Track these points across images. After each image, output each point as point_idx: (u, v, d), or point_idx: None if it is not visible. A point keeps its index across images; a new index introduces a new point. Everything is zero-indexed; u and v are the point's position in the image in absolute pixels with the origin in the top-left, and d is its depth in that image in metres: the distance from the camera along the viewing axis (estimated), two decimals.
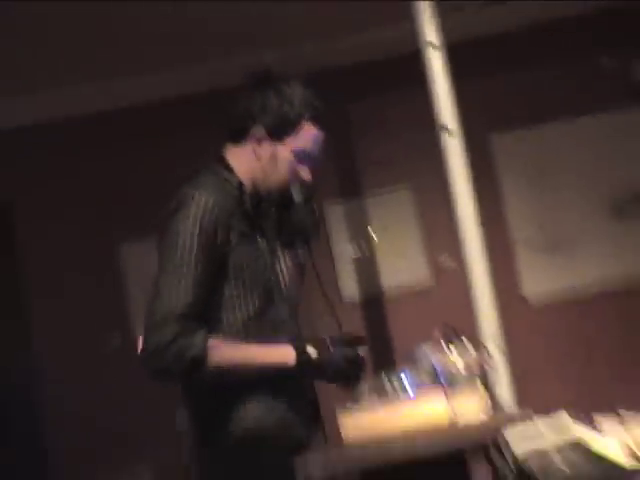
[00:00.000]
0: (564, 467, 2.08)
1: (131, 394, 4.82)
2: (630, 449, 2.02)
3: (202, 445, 2.42)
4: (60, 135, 5.31)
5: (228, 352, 2.31)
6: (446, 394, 2.84)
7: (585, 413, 2.49)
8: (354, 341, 2.56)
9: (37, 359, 5.23)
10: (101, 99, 5.31)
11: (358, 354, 2.36)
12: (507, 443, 2.38)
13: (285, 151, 2.43)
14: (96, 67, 5.03)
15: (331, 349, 2.32)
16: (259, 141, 2.42)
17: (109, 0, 4.07)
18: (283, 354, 2.30)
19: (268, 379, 2.30)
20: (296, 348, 2.26)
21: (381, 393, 2.94)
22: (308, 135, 2.46)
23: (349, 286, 5.26)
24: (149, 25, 4.62)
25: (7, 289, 5.30)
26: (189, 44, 4.92)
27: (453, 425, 2.78)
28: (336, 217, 5.34)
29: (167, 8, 4.34)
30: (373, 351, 5.20)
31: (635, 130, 4.94)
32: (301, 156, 2.45)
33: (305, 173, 2.48)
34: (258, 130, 2.38)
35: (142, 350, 2.19)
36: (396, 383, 2.95)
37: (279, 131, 2.42)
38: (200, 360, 2.17)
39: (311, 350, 2.29)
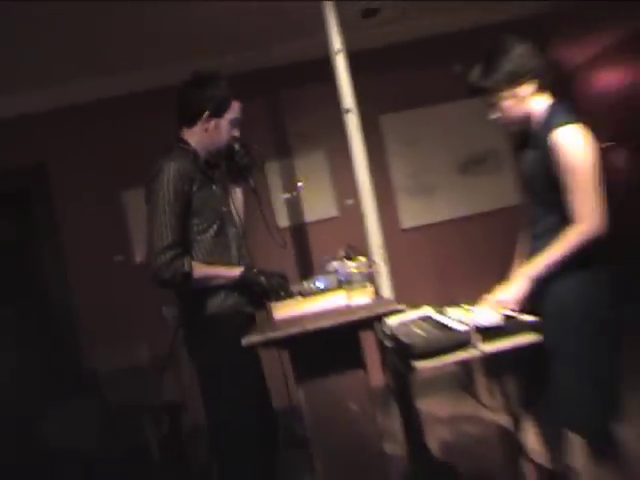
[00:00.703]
0: (420, 332, 2.85)
1: (131, 294, 5.71)
2: (464, 323, 2.71)
3: (184, 326, 3.35)
4: (83, 114, 6.14)
5: (203, 270, 3.16)
6: (345, 291, 3.09)
7: (440, 305, 3.24)
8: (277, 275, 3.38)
9: (69, 271, 6.14)
10: (113, 89, 6.08)
11: (282, 283, 3.19)
12: (383, 318, 3.01)
13: (224, 122, 3.31)
14: (107, 64, 5.72)
15: (261, 277, 3.16)
16: (207, 120, 3.27)
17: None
18: (235, 270, 3.21)
19: (225, 284, 3.21)
20: (246, 269, 3.20)
21: (302, 290, 3.16)
22: (234, 108, 3.35)
23: (282, 217, 6.27)
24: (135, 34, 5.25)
25: (45, 226, 6.19)
26: (161, 47, 5.58)
27: (349, 308, 3.01)
28: (274, 171, 6.36)
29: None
30: (298, 261, 6.29)
31: (472, 115, 5.12)
32: (234, 122, 3.36)
33: (237, 132, 3.39)
34: (206, 113, 3.25)
35: (151, 270, 3.05)
36: (312, 283, 3.19)
37: (220, 111, 3.29)
38: (188, 275, 3.07)
39: (255, 275, 3.17)
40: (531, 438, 3.34)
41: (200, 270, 3.12)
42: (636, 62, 7.60)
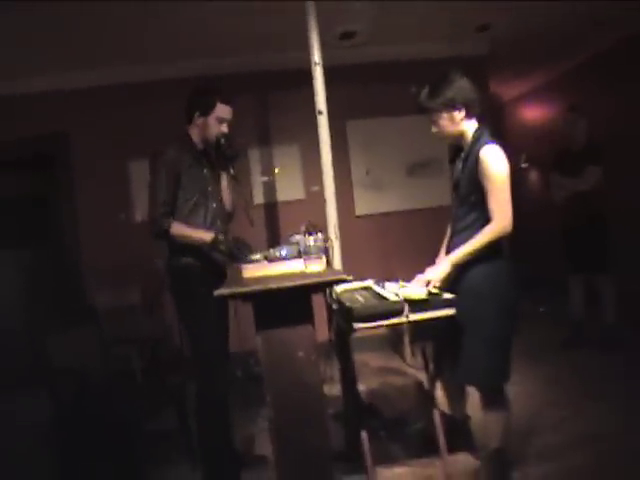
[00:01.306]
0: (361, 298, 3.01)
1: (130, 246, 5.65)
2: (398, 295, 2.83)
3: (168, 272, 3.49)
4: (105, 95, 6.06)
5: (181, 230, 3.34)
6: (304, 259, 3.12)
7: (380, 280, 3.35)
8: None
9: (80, 224, 6.09)
10: (131, 76, 6.02)
11: (242, 250, 3.26)
12: (333, 285, 3.22)
13: (211, 120, 3.49)
14: (131, 55, 5.68)
15: (225, 244, 3.28)
16: (198, 118, 3.50)
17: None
18: (207, 236, 3.33)
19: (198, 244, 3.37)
20: (216, 235, 3.31)
21: (268, 255, 3.19)
22: (220, 110, 3.49)
23: (259, 196, 6.39)
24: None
25: (64, 185, 6.12)
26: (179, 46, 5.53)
27: (305, 274, 3.02)
28: (255, 158, 6.39)
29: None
30: (268, 234, 6.32)
31: (421, 127, 5.14)
32: (219, 120, 3.50)
33: (224, 128, 3.53)
34: (196, 113, 3.48)
35: (149, 222, 3.36)
36: (277, 251, 3.22)
37: (206, 111, 3.48)
38: (166, 231, 3.30)
39: (220, 241, 3.29)
40: (440, 392, 3.51)
41: (179, 229, 3.33)
42: (556, 102, 7.84)
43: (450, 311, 2.85)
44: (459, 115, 3.03)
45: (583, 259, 5.38)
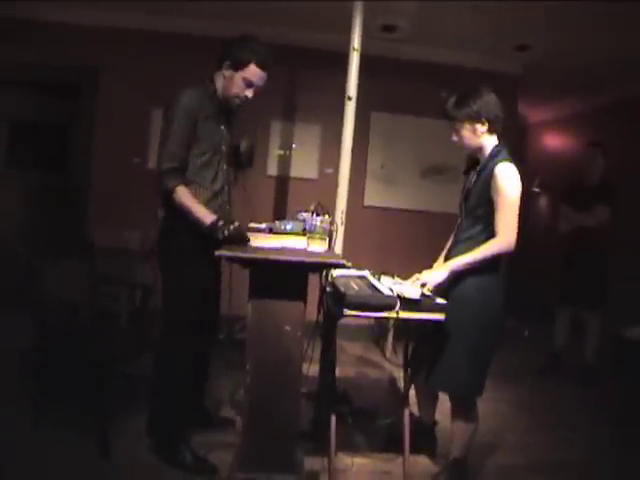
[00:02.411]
0: (355, 286, 2.98)
1: (137, 191, 5.45)
2: (391, 290, 2.84)
3: (163, 224, 3.25)
4: (140, 39, 6.00)
5: (185, 200, 3.05)
6: (307, 237, 3.08)
7: (377, 272, 3.32)
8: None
9: (94, 159, 6.07)
10: (167, 26, 5.96)
11: (241, 233, 2.97)
12: (330, 269, 3.15)
13: (238, 77, 3.16)
14: (170, 6, 5.59)
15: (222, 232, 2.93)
16: (227, 68, 3.17)
17: None
18: (208, 218, 3.02)
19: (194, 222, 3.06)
20: (215, 221, 2.99)
21: (274, 228, 3.12)
22: (252, 72, 3.16)
23: (272, 168, 6.37)
24: None
25: (86, 117, 6.08)
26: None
27: (306, 252, 3.01)
28: (276, 130, 6.35)
29: None
30: (275, 206, 6.28)
31: (444, 133, 5.77)
32: (247, 83, 3.18)
33: (249, 93, 3.22)
34: (227, 62, 3.16)
35: (157, 174, 3.07)
36: (283, 225, 3.14)
37: (236, 65, 3.15)
38: (170, 193, 3.03)
39: (219, 227, 2.95)
40: (413, 392, 3.53)
41: (183, 197, 3.05)
42: (579, 134, 7.83)
43: (440, 316, 2.87)
44: (481, 129, 3.05)
45: (576, 292, 5.38)
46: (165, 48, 5.98)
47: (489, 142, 3.09)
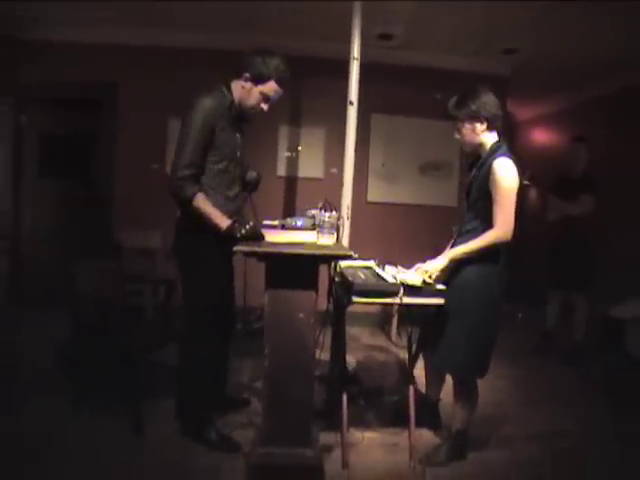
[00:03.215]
0: (362, 275, 3.08)
1: (157, 194, 4.78)
2: (396, 279, 2.93)
3: (180, 226, 3.22)
4: (156, 54, 6.00)
5: (202, 206, 3.01)
6: (317, 232, 3.06)
7: (382, 262, 3.42)
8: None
9: (117, 166, 6.13)
10: (182, 41, 5.96)
11: (255, 231, 2.95)
12: (338, 259, 3.19)
13: (256, 91, 3.12)
14: (184, 21, 5.62)
15: (246, 227, 2.93)
16: (246, 80, 3.11)
17: None
18: (224, 222, 3.00)
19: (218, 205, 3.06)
20: (232, 223, 2.97)
21: (285, 224, 3.16)
22: (271, 87, 3.12)
23: (281, 169, 6.37)
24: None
25: (108, 128, 6.15)
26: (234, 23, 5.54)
27: (316, 245, 3.00)
28: (283, 134, 6.36)
29: None
30: (285, 204, 6.30)
31: (440, 132, 5.90)
32: (264, 97, 3.15)
33: (265, 106, 3.20)
34: (246, 75, 3.09)
35: (170, 181, 3.01)
36: (294, 221, 3.17)
37: (256, 79, 3.09)
38: (189, 200, 2.99)
39: (236, 227, 2.95)
40: (422, 372, 3.60)
41: (202, 204, 3.02)
42: (564, 130, 7.85)
43: (440, 301, 2.97)
44: (480, 127, 3.07)
45: (564, 277, 5.43)
46: (179, 62, 5.99)
47: (489, 139, 3.10)
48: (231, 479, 2.89)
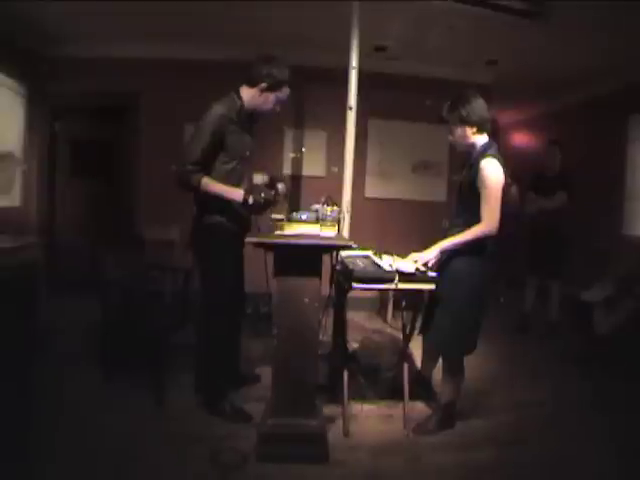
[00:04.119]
0: (361, 264, 3.10)
1: (175, 191, 5.32)
2: (392, 267, 2.95)
3: (197, 222, 3.22)
4: (174, 66, 5.93)
5: (211, 187, 3.01)
6: (320, 224, 3.14)
7: (379, 252, 3.41)
8: (274, 180, 3.42)
9: (142, 166, 6.11)
10: (198, 53, 5.90)
11: (272, 195, 3.04)
12: (339, 250, 3.24)
13: (272, 96, 3.16)
14: (203, 36, 5.59)
15: (260, 194, 2.98)
16: (262, 89, 3.12)
17: None
18: (238, 194, 3.02)
19: (229, 203, 3.07)
20: (245, 195, 2.99)
21: (291, 218, 3.18)
22: (286, 91, 3.19)
23: (287, 168, 6.35)
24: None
25: (132, 134, 6.14)
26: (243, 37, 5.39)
27: (319, 236, 3.03)
28: (289, 136, 6.32)
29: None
30: (291, 200, 6.10)
31: (431, 135, 6.05)
32: (279, 101, 3.20)
33: (278, 108, 3.24)
34: (263, 85, 3.10)
35: (175, 174, 3.04)
36: (299, 215, 3.19)
37: (273, 87, 3.12)
38: (195, 188, 2.99)
39: (250, 196, 2.97)
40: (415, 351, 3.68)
41: (209, 185, 2.99)
42: (541, 133, 7.90)
43: (431, 286, 2.96)
44: (471, 130, 3.05)
45: (541, 264, 5.48)
46: (195, 72, 5.95)
47: (479, 140, 3.08)
48: (244, 446, 2.89)
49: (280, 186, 3.36)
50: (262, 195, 2.97)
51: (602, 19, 4.38)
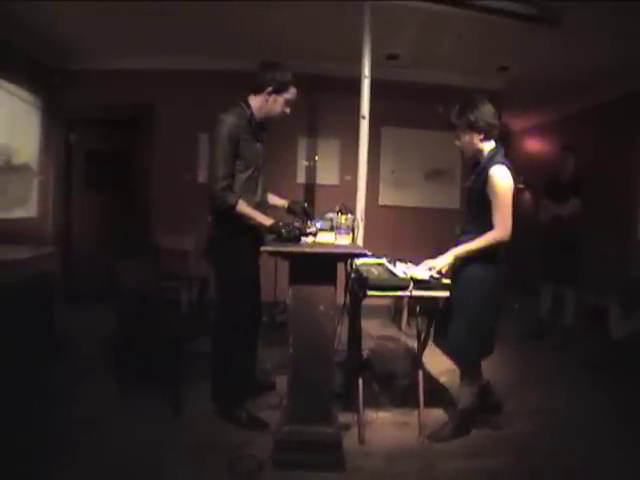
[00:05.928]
0: (375, 271, 3.14)
1: (190, 201, 5.51)
2: (406, 274, 2.97)
3: (212, 231, 3.23)
4: (187, 77, 6.00)
5: (245, 209, 3.05)
6: (335, 233, 3.07)
7: (393, 260, 3.45)
8: (295, 205, 3.46)
9: (153, 177, 6.19)
10: (207, 64, 5.98)
11: (300, 232, 2.98)
12: (354, 258, 3.19)
13: (281, 99, 3.17)
14: (212, 48, 5.66)
15: (288, 229, 2.94)
16: (269, 93, 3.14)
17: None
18: (268, 221, 3.03)
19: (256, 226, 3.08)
20: (275, 224, 2.99)
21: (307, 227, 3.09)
22: (292, 91, 3.20)
23: (301, 177, 6.40)
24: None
25: (145, 144, 6.22)
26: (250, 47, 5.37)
27: (334, 245, 2.99)
28: (302, 145, 6.39)
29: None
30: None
31: (443, 142, 5.69)
32: (287, 102, 3.21)
33: (288, 109, 3.24)
34: (269, 89, 3.12)
35: (210, 194, 3.03)
36: (314, 224, 3.20)
37: (280, 90, 3.14)
38: (232, 207, 3.01)
39: (280, 227, 2.96)
40: (430, 358, 3.62)
41: (244, 208, 3.04)
42: (554, 139, 7.83)
43: (445, 293, 2.95)
44: (478, 136, 3.03)
45: (555, 271, 5.41)
46: (207, 83, 5.99)
47: (487, 146, 3.07)
48: (260, 454, 2.89)
49: (318, 224, 3.29)
50: (295, 226, 2.98)
51: (612, 22, 4.38)
